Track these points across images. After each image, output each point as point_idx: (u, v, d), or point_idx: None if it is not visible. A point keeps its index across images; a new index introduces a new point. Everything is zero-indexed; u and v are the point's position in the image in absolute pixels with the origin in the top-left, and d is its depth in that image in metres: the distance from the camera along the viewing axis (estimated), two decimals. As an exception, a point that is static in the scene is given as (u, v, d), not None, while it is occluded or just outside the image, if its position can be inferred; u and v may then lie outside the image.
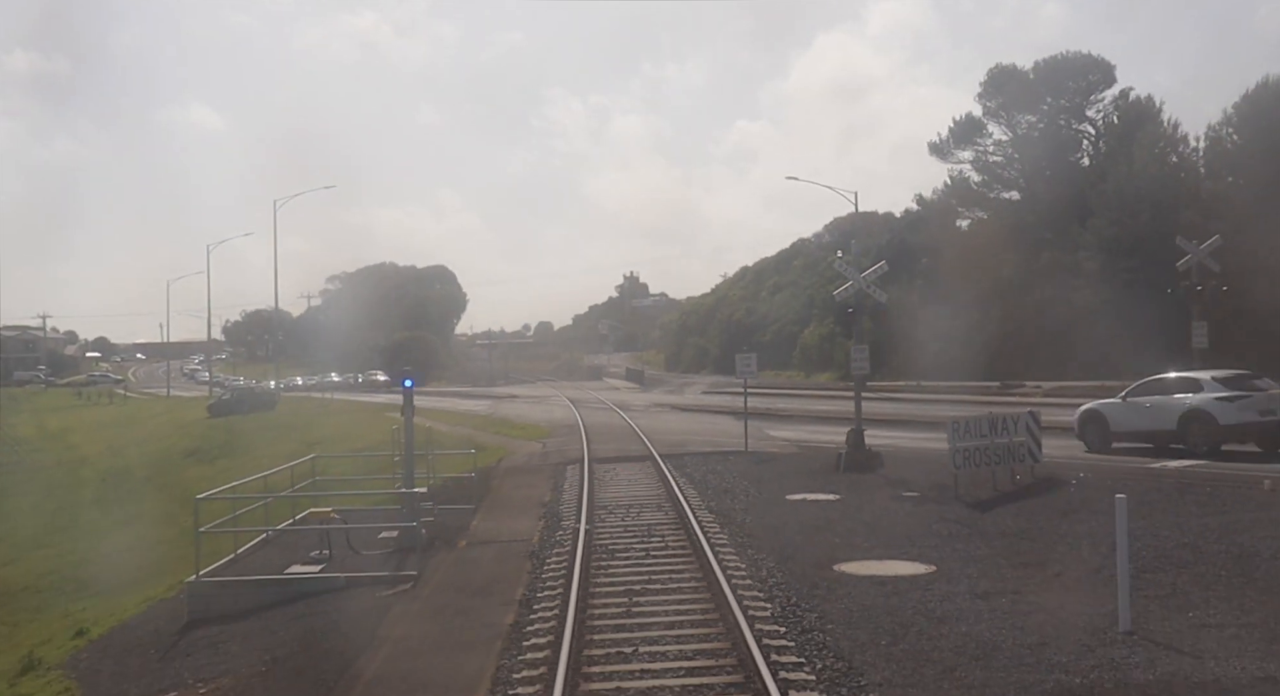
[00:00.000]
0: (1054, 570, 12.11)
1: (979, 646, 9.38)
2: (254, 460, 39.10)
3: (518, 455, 28.61)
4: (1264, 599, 10.47)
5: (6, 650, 16.47)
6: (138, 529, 28.59)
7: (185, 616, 14.12)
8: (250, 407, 57.02)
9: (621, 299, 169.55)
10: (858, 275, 21.31)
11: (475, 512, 19.02)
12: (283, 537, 17.52)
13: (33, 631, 17.90)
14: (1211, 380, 21.43)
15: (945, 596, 11.22)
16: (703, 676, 8.99)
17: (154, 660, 12.77)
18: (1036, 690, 8.13)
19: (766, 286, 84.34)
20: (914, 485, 18.98)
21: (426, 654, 10.46)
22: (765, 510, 17.48)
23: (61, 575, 23.33)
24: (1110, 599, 10.07)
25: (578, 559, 13.67)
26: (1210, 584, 11.09)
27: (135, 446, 50.65)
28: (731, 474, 22.04)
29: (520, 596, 12.52)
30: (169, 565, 22.66)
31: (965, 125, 57.09)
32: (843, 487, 19.44)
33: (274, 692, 10.09)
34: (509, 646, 10.44)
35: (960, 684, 8.43)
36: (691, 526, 15.71)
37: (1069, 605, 10.55)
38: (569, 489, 21.14)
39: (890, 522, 15.77)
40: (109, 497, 37.08)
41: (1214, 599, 10.48)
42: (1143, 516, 14.55)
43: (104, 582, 21.97)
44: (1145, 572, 11.69)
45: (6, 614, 20.17)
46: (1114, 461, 21.07)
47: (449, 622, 11.63)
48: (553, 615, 11.36)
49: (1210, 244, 24.59)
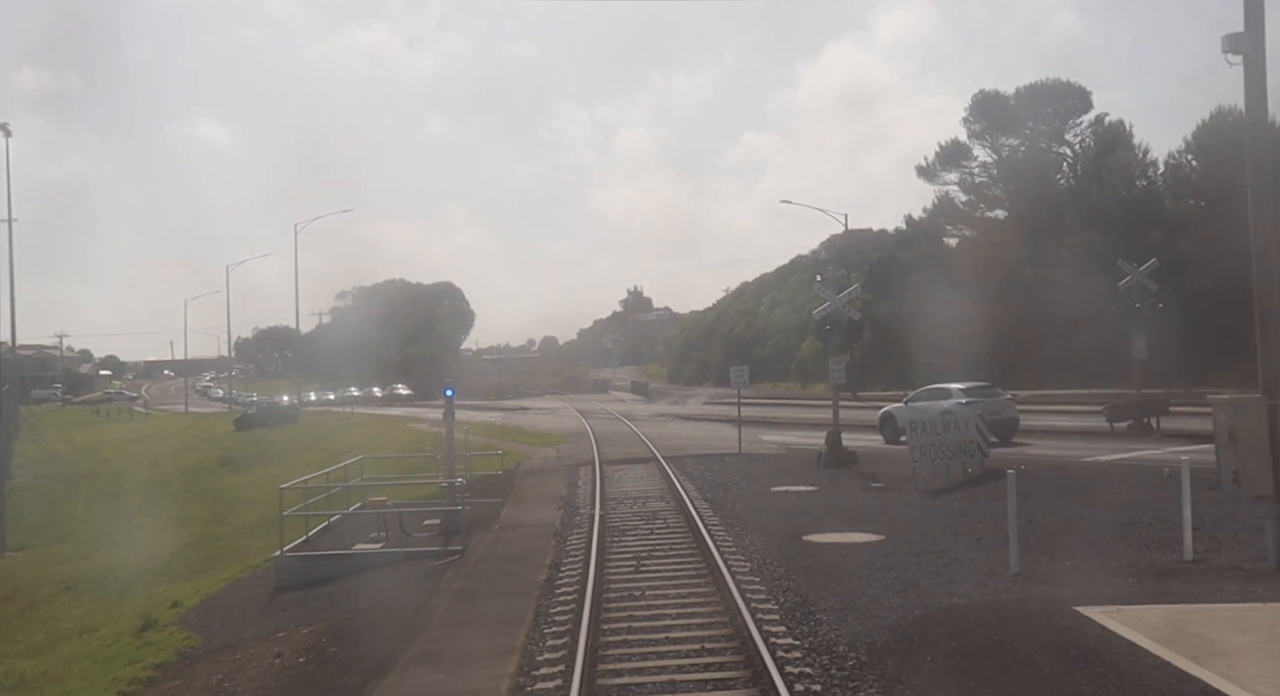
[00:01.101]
0: (977, 536, 15.10)
1: (903, 585, 12.38)
2: (286, 469, 42.12)
3: (535, 459, 31.63)
4: (1131, 552, 13.45)
5: (113, 620, 19.45)
6: (190, 528, 31.60)
7: (273, 584, 17.14)
8: (274, 421, 60.06)
9: (625, 313, 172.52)
10: (834, 296, 24.37)
11: (503, 504, 22.05)
12: (342, 524, 20.53)
13: (126, 608, 20.85)
14: (959, 389, 28.83)
15: (886, 555, 14.23)
16: (694, 610, 11.98)
17: (254, 616, 15.77)
18: (935, 607, 11.14)
19: (765, 302, 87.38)
20: (881, 478, 21.99)
21: (481, 600, 13.48)
22: (752, 499, 20.47)
23: (132, 566, 26.24)
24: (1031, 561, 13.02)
25: (594, 535, 16.67)
26: (1094, 544, 14.08)
27: (169, 458, 53.68)
28: (726, 472, 25.05)
29: (549, 562, 15.53)
30: (228, 556, 25.69)
31: (951, 149, 60.16)
32: (820, 481, 22.48)
33: (364, 628, 13.07)
34: (545, 594, 13.44)
35: (883, 606, 11.42)
36: (689, 511, 18.71)
37: (980, 559, 13.55)
38: (583, 485, 24.15)
39: (855, 507, 18.79)
40: (155, 503, 40.06)
41: (1091, 553, 13.46)
42: (1061, 497, 17.54)
43: (173, 571, 25.00)
44: (1048, 537, 14.69)
45: (97, 596, 23.14)
46: (1057, 456, 24.10)
47: (494, 581, 14.64)
48: (576, 574, 14.35)
49: (1148, 266, 27.64)
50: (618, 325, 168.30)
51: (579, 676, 9.45)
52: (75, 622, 20.38)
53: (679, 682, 9.36)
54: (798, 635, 10.64)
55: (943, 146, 60.29)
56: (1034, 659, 9.03)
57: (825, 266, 75.70)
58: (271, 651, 13.10)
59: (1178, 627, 9.39)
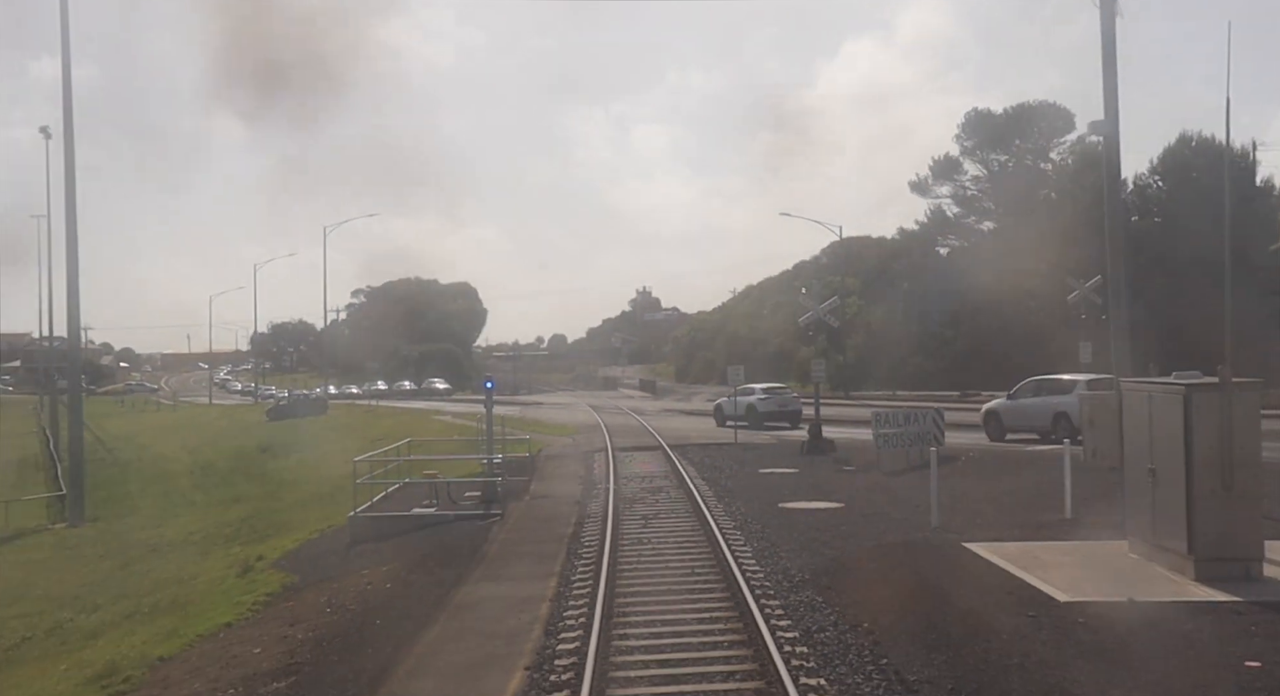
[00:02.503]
0: (915, 504, 18.91)
1: (848, 535, 16.24)
2: (325, 455, 46.09)
3: (554, 446, 35.52)
4: (1026, 513, 17.29)
5: (206, 572, 23.32)
6: (247, 504, 35.47)
7: (348, 538, 21.01)
8: (304, 412, 64.08)
9: (634, 312, 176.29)
10: (816, 306, 28.25)
11: (530, 481, 25.94)
12: (398, 493, 24.43)
13: (213, 563, 24.73)
14: (759, 389, 39.07)
15: (841, 516, 18.11)
16: (688, 551, 15.83)
17: (337, 561, 19.62)
18: (867, 547, 15.00)
19: (769, 305, 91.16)
20: (852, 463, 25.86)
21: (523, 545, 17.37)
22: (742, 478, 24.34)
23: (205, 534, 30.16)
24: (940, 514, 16.85)
25: (610, 504, 20.55)
26: (1002, 508, 17.92)
27: (208, 445, 57.69)
28: (722, 457, 28.91)
29: (574, 521, 19.41)
30: (290, 525, 29.46)
31: (944, 163, 63.98)
32: (801, 465, 26.35)
33: (435, 564, 16.93)
34: (572, 542, 17.30)
35: (829, 546, 15.28)
36: (688, 486, 22.60)
37: (912, 518, 17.40)
38: (598, 467, 28.04)
39: (826, 484, 22.66)
40: (206, 485, 44.03)
41: (996, 513, 17.29)
42: (993, 477, 21.39)
43: (243, 537, 28.83)
44: (970, 503, 18.55)
45: (182, 556, 26.99)
46: (1003, 447, 27.94)
47: (531, 533, 18.54)
48: (596, 529, 18.23)
49: (1093, 283, 31.41)
50: (626, 324, 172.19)
51: (603, 587, 13.30)
52: (173, 574, 24.26)
53: (675, 590, 13.22)
54: (763, 564, 14.50)
55: (936, 161, 64.12)
56: (922, 571, 12.90)
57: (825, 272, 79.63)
58: (361, 581, 16.96)
59: (1024, 553, 13.25)
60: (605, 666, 10.00)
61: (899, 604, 11.56)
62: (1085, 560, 12.91)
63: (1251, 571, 11.47)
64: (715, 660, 10.07)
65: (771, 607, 11.94)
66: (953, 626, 10.47)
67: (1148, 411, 12.19)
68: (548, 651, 10.89)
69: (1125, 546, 13.19)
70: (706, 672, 9.72)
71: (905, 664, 9.52)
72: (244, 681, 11.64)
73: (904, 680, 9.14)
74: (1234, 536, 11.39)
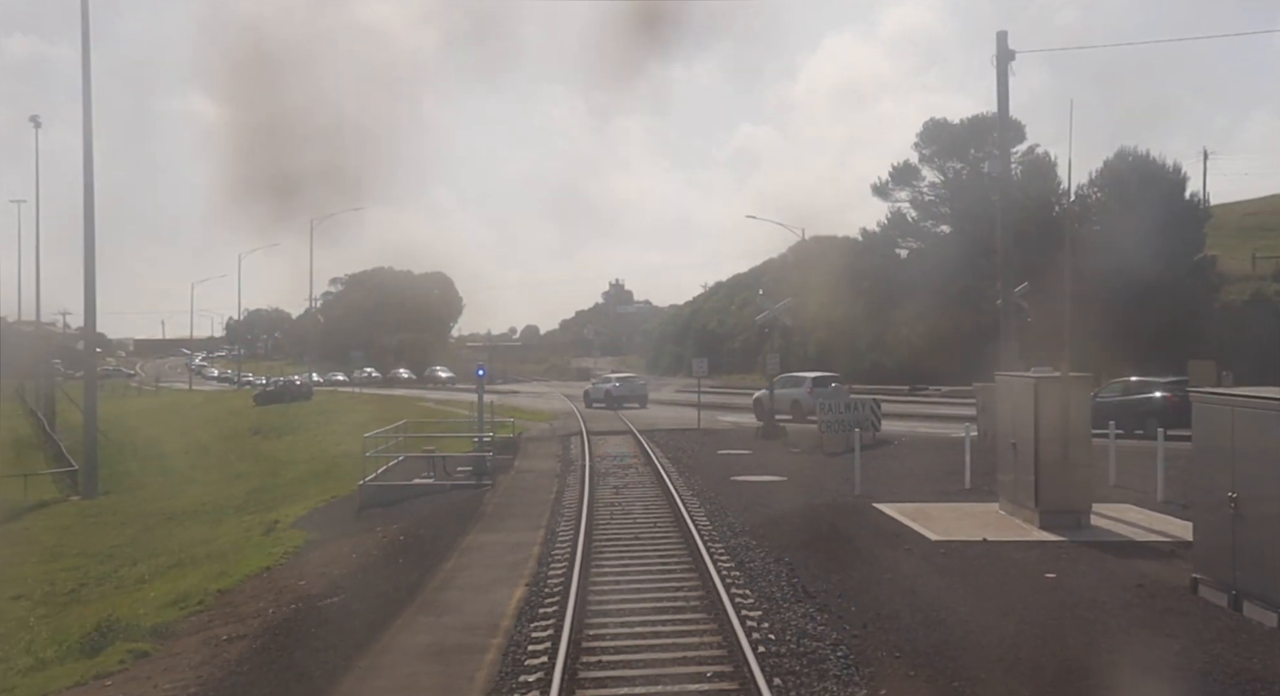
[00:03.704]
0: (845, 477, 22.32)
1: (785, 500, 19.60)
2: (315, 438, 49.18)
3: (533, 430, 38.74)
4: (934, 484, 20.70)
5: (228, 533, 26.39)
6: (250, 480, 38.46)
7: (358, 503, 24.16)
8: (290, 398, 66.84)
9: (607, 305, 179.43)
10: (771, 305, 31.62)
11: (515, 458, 29.17)
12: (397, 467, 27.59)
13: (229, 529, 27.79)
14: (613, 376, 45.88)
15: (782, 487, 21.48)
16: (652, 512, 19.14)
17: (350, 522, 22.77)
18: (798, 507, 18.38)
19: (737, 300, 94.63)
20: (799, 445, 29.26)
21: (513, 507, 20.63)
22: (702, 458, 27.66)
23: (216, 504, 33.14)
24: (862, 484, 20.21)
25: (586, 475, 23.83)
26: (916, 479, 21.34)
27: (199, 428, 60.44)
28: (685, 441, 32.24)
29: (556, 489, 22.68)
30: (294, 497, 32.48)
31: (903, 170, 67.53)
32: (755, 447, 29.74)
33: (439, 522, 20.14)
34: (555, 505, 20.56)
35: (768, 507, 18.65)
36: (654, 463, 25.91)
37: (840, 488, 20.77)
38: (574, 447, 31.29)
39: (774, 462, 26.04)
40: (204, 464, 46.89)
41: (909, 484, 20.73)
42: (917, 457, 24.83)
43: (253, 507, 31.85)
44: (892, 477, 21.95)
45: (198, 523, 29.98)
46: (930, 431, 31.47)
47: (519, 499, 21.79)
48: (575, 494, 21.49)
49: (1021, 289, 34.91)
50: (599, 316, 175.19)
51: (583, 536, 16.57)
52: (197, 536, 27.30)
53: (641, 538, 16.52)
54: (713, 520, 17.84)
55: (895, 167, 67.68)
56: (835, 523, 16.30)
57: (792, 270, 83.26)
58: (375, 537, 20.15)
59: (918, 511, 16.68)
60: (586, 585, 13.27)
61: (813, 544, 14.94)
62: (963, 515, 16.34)
63: (1081, 521, 14.91)
64: (670, 584, 13.37)
65: (715, 548, 15.27)
66: (849, 557, 13.85)
67: (1012, 399, 15.61)
68: (541, 576, 14.18)
69: (997, 506, 16.64)
70: (664, 589, 13.03)
71: (809, 580, 12.87)
72: (300, 600, 14.84)
73: (807, 590, 12.48)
74: (1068, 495, 14.83)
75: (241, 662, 11.61)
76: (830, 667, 9.55)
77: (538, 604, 12.62)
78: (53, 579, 23.54)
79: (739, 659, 9.85)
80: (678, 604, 12.24)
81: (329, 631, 12.25)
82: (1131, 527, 14.92)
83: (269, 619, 13.75)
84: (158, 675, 11.74)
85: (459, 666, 10.32)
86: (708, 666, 9.83)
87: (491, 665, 10.32)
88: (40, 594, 21.69)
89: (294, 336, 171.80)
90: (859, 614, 11.17)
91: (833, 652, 9.94)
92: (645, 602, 12.31)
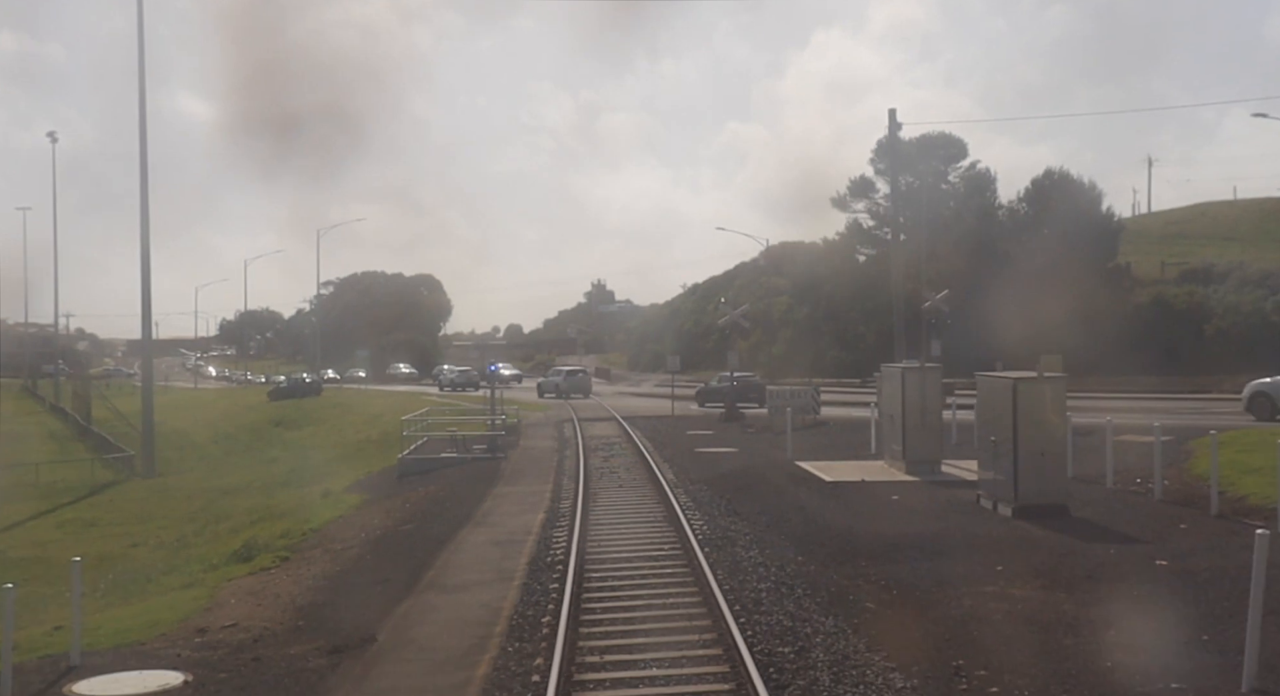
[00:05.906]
0: (783, 447, 28.52)
1: (733, 462, 25.79)
2: (335, 428, 55.08)
3: (530, 419, 44.79)
4: (849, 450, 26.91)
5: (285, 501, 32.28)
6: (285, 463, 44.34)
7: (397, 473, 30.17)
8: (302, 393, 72.64)
9: (589, 304, 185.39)
10: (731, 310, 37.79)
11: (519, 438, 35.29)
12: (423, 445, 33.63)
13: (283, 499, 33.69)
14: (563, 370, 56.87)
15: (733, 455, 27.68)
16: (634, 473, 25.28)
17: (393, 487, 28.75)
18: (740, 467, 24.58)
19: (713, 302, 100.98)
20: (754, 427, 35.51)
21: (525, 472, 26.74)
22: (673, 437, 33.84)
23: (262, 482, 39.06)
24: (793, 452, 26.35)
25: (580, 450, 29.96)
26: (837, 447, 27.58)
27: (221, 421, 66.21)
28: (661, 425, 38.42)
29: (557, 460, 28.80)
30: (332, 474, 38.33)
31: (860, 183, 73.92)
32: (718, 429, 35.99)
33: (469, 483, 26.16)
34: (558, 470, 26.67)
35: (719, 468, 24.84)
36: (635, 441, 32.09)
37: (776, 455, 26.97)
38: (568, 431, 37.42)
39: (731, 439, 32.27)
40: (235, 451, 52.78)
41: (831, 450, 26.95)
42: (842, 434, 31.15)
43: (298, 482, 37.79)
44: (820, 445, 28.19)
45: (252, 496, 35.88)
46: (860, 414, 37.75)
47: (529, 466, 27.89)
48: (573, 464, 27.60)
49: (942, 296, 41.34)
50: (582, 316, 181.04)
51: (582, 487, 22.66)
52: (258, 504, 33.22)
53: (625, 488, 22.67)
54: (678, 476, 24.02)
55: (853, 181, 74.06)
56: (765, 475, 22.53)
57: (762, 273, 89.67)
58: (419, 495, 26.16)
59: (826, 466, 22.95)
60: (587, 514, 19.37)
61: (746, 487, 21.14)
62: (857, 468, 22.61)
63: (935, 469, 21.17)
64: (645, 512, 19.49)
65: (678, 492, 21.42)
66: (768, 493, 20.07)
67: (890, 384, 21.84)
68: (554, 507, 20.31)
69: (883, 462, 22.89)
70: (640, 513, 19.17)
71: (739, 507, 19.05)
72: (381, 529, 20.88)
73: (736, 511, 18.65)
74: (926, 449, 21.07)
75: (361, 558, 17.67)
76: (739, 543, 15.74)
77: (554, 522, 18.75)
78: (155, 534, 29.49)
79: (686, 542, 15.98)
80: (648, 520, 18.39)
81: (416, 540, 18.34)
82: (967, 473, 21.16)
83: (367, 538, 19.81)
84: (305, 566, 17.79)
85: (510, 550, 16.44)
86: (666, 546, 15.98)
87: (530, 549, 16.44)
88: (153, 543, 27.67)
89: (286, 336, 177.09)
90: (764, 519, 17.39)
91: (741, 537, 16.14)
92: (626, 520, 18.44)
